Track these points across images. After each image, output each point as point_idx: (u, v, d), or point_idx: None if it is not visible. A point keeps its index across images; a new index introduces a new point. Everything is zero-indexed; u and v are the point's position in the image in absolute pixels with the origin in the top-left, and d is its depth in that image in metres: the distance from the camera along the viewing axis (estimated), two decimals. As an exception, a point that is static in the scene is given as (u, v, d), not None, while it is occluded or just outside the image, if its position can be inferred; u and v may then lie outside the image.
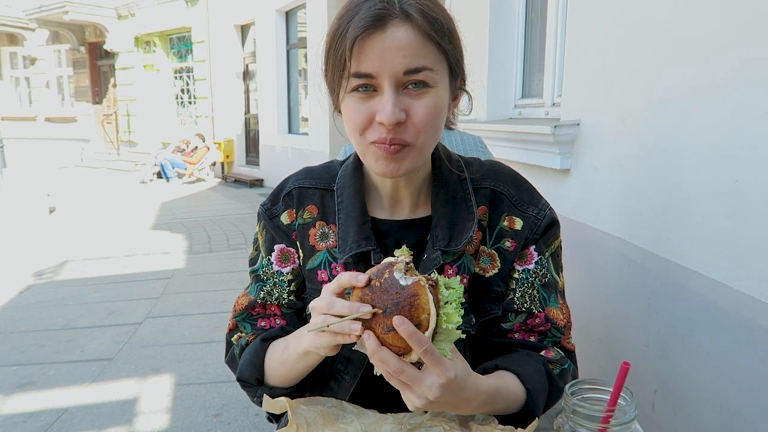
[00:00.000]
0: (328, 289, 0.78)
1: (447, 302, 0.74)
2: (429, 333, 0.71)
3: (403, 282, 0.72)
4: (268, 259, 1.05)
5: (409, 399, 0.75)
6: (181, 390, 3.10)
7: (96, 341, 3.79)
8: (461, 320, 0.73)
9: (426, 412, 0.88)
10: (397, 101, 0.82)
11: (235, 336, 1.09)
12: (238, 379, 1.05)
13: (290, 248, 1.04)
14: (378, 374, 0.76)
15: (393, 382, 0.75)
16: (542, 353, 0.99)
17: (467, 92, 0.97)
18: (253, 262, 1.09)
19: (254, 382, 1.01)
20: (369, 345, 0.71)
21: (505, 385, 0.89)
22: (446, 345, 0.73)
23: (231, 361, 1.09)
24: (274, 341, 1.01)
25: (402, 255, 0.75)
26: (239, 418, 2.80)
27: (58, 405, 2.94)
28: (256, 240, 1.09)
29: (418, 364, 0.73)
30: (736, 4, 1.33)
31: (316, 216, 1.02)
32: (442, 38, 0.83)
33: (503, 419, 0.89)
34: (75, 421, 2.79)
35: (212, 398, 3.00)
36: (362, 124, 0.85)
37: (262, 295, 1.05)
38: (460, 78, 0.92)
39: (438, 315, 0.72)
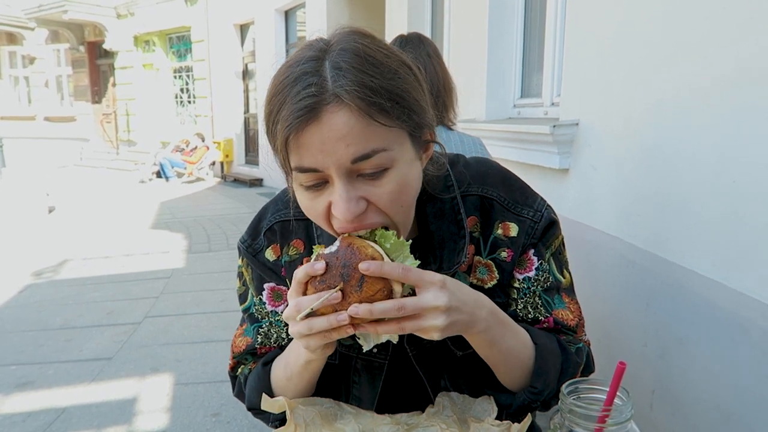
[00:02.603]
0: (291, 296, 0.76)
1: (370, 235, 0.76)
2: (388, 259, 0.73)
3: (333, 249, 0.74)
4: (260, 298, 1.01)
5: (429, 327, 0.72)
6: (180, 389, 3.10)
7: (95, 341, 3.79)
8: (391, 231, 0.75)
9: (422, 412, 0.88)
10: (351, 193, 0.72)
11: (239, 370, 1.06)
12: (249, 409, 1.01)
13: (281, 286, 0.99)
14: (395, 342, 0.75)
15: (408, 328, 0.72)
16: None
17: (438, 143, 0.86)
18: (243, 298, 1.04)
19: None
20: (363, 311, 0.69)
21: (512, 321, 0.86)
22: (409, 260, 0.75)
23: (240, 393, 1.04)
24: (275, 361, 0.97)
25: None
26: (238, 417, 2.80)
27: (57, 404, 2.94)
28: (241, 274, 1.04)
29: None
30: (734, 5, 1.33)
31: (302, 252, 0.97)
32: (390, 112, 0.71)
33: (505, 413, 0.88)
34: (74, 421, 2.79)
35: (211, 398, 3.00)
36: (322, 219, 0.78)
37: (260, 339, 1.01)
38: (427, 131, 0.81)
39: (376, 242, 0.74)
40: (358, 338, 0.78)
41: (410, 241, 0.77)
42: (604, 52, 1.97)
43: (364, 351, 0.78)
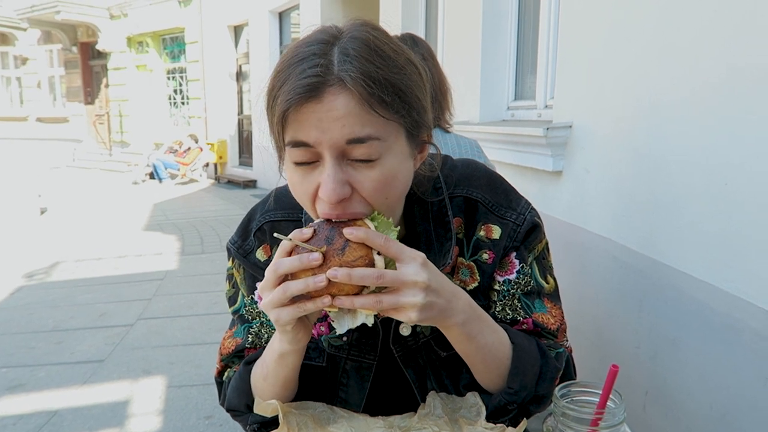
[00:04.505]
0: (271, 265, 0.75)
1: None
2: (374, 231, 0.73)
3: (323, 219, 0.76)
4: (251, 298, 1.00)
5: (407, 304, 0.71)
6: (173, 392, 3.09)
7: (87, 343, 3.77)
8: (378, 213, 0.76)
9: (414, 414, 0.88)
10: (339, 175, 0.73)
11: (225, 374, 1.04)
12: (228, 409, 0.99)
13: None
14: (370, 324, 0.74)
15: (385, 303, 0.71)
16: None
17: (434, 145, 0.88)
18: (233, 300, 1.03)
19: (244, 409, 0.95)
20: (341, 274, 0.68)
21: (490, 319, 0.85)
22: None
23: (225, 398, 1.02)
24: (257, 361, 0.94)
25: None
26: (231, 420, 2.78)
27: (48, 407, 2.92)
28: (231, 276, 1.03)
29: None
30: (725, 10, 1.34)
31: None
32: (390, 105, 0.72)
33: (493, 415, 0.88)
34: (65, 424, 2.77)
35: (204, 400, 2.99)
36: (308, 199, 0.78)
37: (250, 339, 1.00)
38: (425, 131, 0.82)
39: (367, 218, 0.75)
40: (332, 321, 0.77)
41: (398, 227, 0.77)
42: (597, 54, 1.98)
43: (337, 334, 0.77)
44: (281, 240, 0.75)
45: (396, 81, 0.73)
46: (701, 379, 1.45)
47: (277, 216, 0.98)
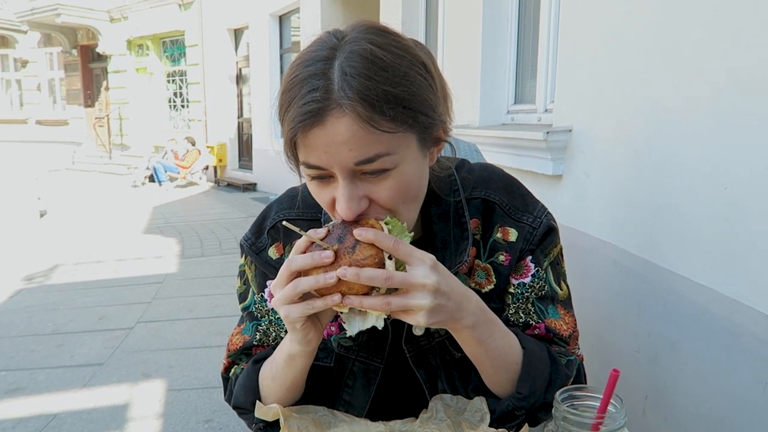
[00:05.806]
0: (285, 263, 0.76)
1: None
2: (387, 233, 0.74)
3: (338, 220, 0.77)
4: (261, 296, 1.00)
5: (415, 307, 0.71)
6: (172, 395, 3.09)
7: (86, 346, 3.76)
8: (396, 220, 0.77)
9: (416, 419, 0.88)
10: (354, 192, 0.74)
11: (232, 371, 1.04)
12: (234, 407, 0.98)
13: None
14: (381, 327, 0.74)
15: (394, 304, 0.71)
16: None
17: (448, 141, 0.87)
18: (243, 297, 1.04)
19: (250, 407, 0.93)
20: (350, 274, 0.69)
21: (501, 322, 0.85)
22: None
23: (231, 395, 1.01)
24: (266, 360, 0.94)
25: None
26: (230, 423, 2.79)
27: (48, 411, 2.92)
28: (243, 273, 1.03)
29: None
30: (726, 13, 1.34)
31: None
32: (395, 119, 0.71)
33: (498, 417, 0.87)
34: (64, 427, 2.76)
35: (203, 404, 2.99)
36: (328, 206, 0.80)
37: (258, 337, 1.00)
38: (438, 127, 0.82)
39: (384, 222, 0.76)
40: (344, 322, 0.77)
41: (412, 233, 0.77)
42: (597, 59, 1.98)
43: (347, 335, 0.77)
44: (294, 238, 0.76)
45: (399, 92, 0.72)
46: (701, 383, 1.45)
47: (291, 214, 0.99)
